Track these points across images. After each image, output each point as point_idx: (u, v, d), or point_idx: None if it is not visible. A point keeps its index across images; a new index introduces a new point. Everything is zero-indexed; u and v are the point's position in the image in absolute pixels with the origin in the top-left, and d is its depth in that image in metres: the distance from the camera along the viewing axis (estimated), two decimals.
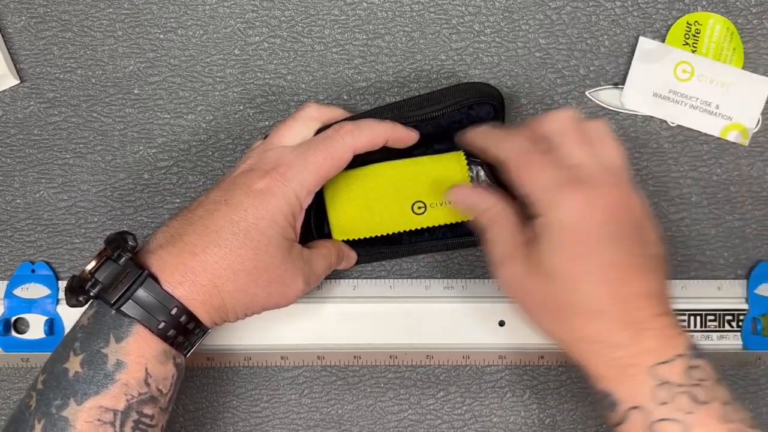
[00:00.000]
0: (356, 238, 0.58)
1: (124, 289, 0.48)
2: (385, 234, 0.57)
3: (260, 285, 0.51)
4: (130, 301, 0.48)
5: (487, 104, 0.57)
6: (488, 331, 0.62)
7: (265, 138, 0.56)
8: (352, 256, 0.59)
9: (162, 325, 0.48)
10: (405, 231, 0.58)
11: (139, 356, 0.48)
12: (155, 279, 0.48)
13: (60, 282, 0.62)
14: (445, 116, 0.57)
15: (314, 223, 0.58)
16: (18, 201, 0.63)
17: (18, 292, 0.62)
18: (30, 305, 0.61)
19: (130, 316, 0.48)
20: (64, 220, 0.63)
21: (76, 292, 0.50)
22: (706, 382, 0.47)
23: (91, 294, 0.49)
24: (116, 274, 0.48)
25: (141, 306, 0.48)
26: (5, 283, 0.62)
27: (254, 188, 0.51)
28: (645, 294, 0.48)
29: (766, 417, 0.64)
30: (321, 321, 0.62)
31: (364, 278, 0.63)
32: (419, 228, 0.57)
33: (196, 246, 0.49)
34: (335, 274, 0.63)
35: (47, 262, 0.62)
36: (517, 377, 0.64)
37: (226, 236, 0.49)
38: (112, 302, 0.48)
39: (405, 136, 0.55)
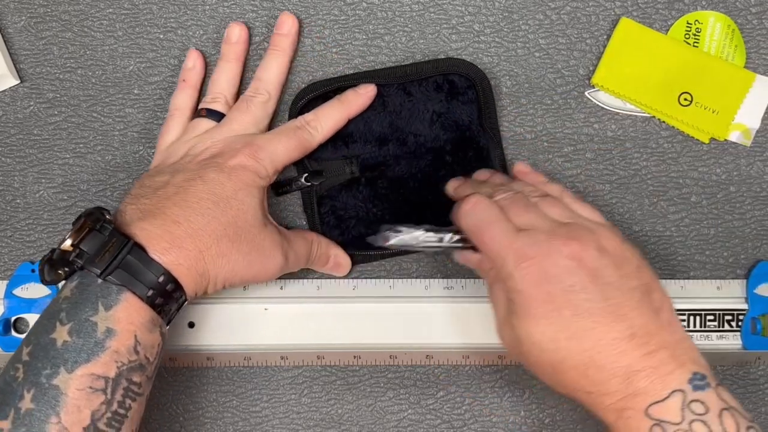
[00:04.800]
0: (617, 91, 0.61)
1: (112, 257, 0.48)
2: (642, 105, 0.60)
3: (241, 252, 0.52)
4: (118, 269, 0.48)
5: (462, 77, 0.60)
6: (488, 331, 0.62)
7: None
8: (345, 262, 0.60)
9: (151, 292, 0.49)
10: None
11: (128, 324, 0.48)
12: (141, 247, 0.49)
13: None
14: (421, 85, 0.60)
15: (321, 228, 0.61)
16: (18, 201, 0.63)
17: (18, 292, 0.62)
18: (30, 305, 0.61)
19: (119, 284, 0.48)
20: (64, 220, 0.63)
21: (57, 264, 0.50)
22: (707, 415, 0.45)
23: (76, 265, 0.49)
24: (102, 244, 0.49)
25: (129, 273, 0.48)
26: (5, 283, 0.62)
27: (227, 165, 0.53)
28: (628, 335, 0.46)
29: (765, 417, 0.64)
30: (321, 321, 0.62)
31: (364, 278, 0.63)
32: (674, 120, 0.61)
33: (179, 216, 0.51)
34: (335, 274, 0.63)
35: None
36: (516, 377, 0.64)
37: (207, 205, 0.51)
38: (101, 271, 0.48)
39: (363, 103, 0.59)
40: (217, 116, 0.58)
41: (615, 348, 0.46)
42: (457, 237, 0.54)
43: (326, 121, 0.58)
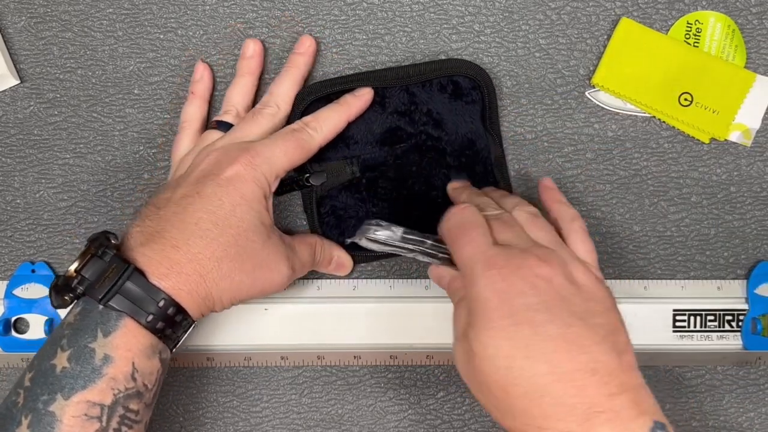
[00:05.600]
0: (619, 91, 0.61)
1: (112, 283, 0.48)
2: (642, 105, 0.60)
3: (245, 271, 0.51)
4: (117, 295, 0.48)
5: (467, 78, 0.60)
6: None
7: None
8: (348, 262, 0.60)
9: (150, 318, 0.49)
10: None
11: (126, 350, 0.48)
12: (141, 273, 0.49)
13: None
14: (425, 86, 0.60)
15: (321, 229, 0.60)
16: (18, 201, 0.63)
17: (18, 292, 0.62)
18: (30, 305, 0.61)
19: (118, 310, 0.48)
20: (64, 220, 0.63)
21: (62, 291, 0.50)
22: None
23: (78, 291, 0.49)
24: (102, 270, 0.49)
25: (129, 299, 0.48)
26: (5, 283, 0.62)
27: (224, 177, 0.52)
28: (590, 370, 0.43)
29: (765, 417, 0.64)
30: (321, 321, 0.62)
31: (364, 278, 0.63)
32: (674, 120, 0.61)
33: (178, 240, 0.50)
34: (335, 275, 0.63)
35: (47, 262, 0.62)
36: None
37: (206, 226, 0.50)
38: (100, 297, 0.48)
39: (362, 106, 0.59)
40: (227, 128, 0.58)
41: (575, 380, 0.43)
42: (437, 244, 0.53)
43: (326, 123, 0.57)
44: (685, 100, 0.61)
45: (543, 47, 0.62)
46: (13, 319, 0.62)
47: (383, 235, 0.53)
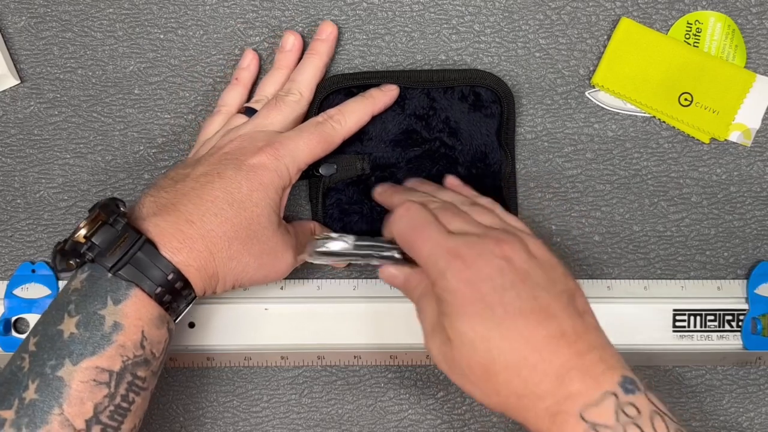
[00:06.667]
0: (617, 91, 0.61)
1: (123, 253, 0.49)
2: (642, 105, 0.60)
3: (253, 254, 0.52)
4: (128, 264, 0.49)
5: (489, 91, 0.60)
6: None
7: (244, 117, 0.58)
8: None
9: (159, 289, 0.49)
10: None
11: (136, 319, 0.48)
12: (153, 244, 0.49)
13: (60, 282, 0.62)
14: (446, 93, 0.60)
15: (323, 220, 0.60)
16: (18, 201, 0.63)
17: (18, 292, 0.62)
18: (30, 305, 0.61)
19: (129, 280, 0.49)
20: (64, 220, 0.63)
21: (69, 255, 0.50)
22: (639, 418, 0.45)
23: (87, 258, 0.49)
24: (114, 239, 0.49)
25: (139, 270, 0.49)
26: (5, 283, 0.62)
27: (247, 163, 0.53)
28: (559, 333, 0.46)
29: (765, 417, 0.64)
30: (321, 321, 0.62)
31: (364, 278, 0.63)
32: (674, 120, 0.61)
33: (193, 215, 0.50)
34: (335, 274, 0.63)
35: (47, 262, 0.62)
36: None
37: (221, 206, 0.51)
38: (110, 266, 0.49)
39: (388, 101, 0.59)
40: (254, 114, 0.58)
41: (548, 346, 0.46)
42: (389, 245, 0.54)
43: (350, 116, 0.57)
44: (685, 100, 0.61)
45: (543, 47, 0.62)
46: (13, 319, 0.62)
47: (336, 246, 0.54)
